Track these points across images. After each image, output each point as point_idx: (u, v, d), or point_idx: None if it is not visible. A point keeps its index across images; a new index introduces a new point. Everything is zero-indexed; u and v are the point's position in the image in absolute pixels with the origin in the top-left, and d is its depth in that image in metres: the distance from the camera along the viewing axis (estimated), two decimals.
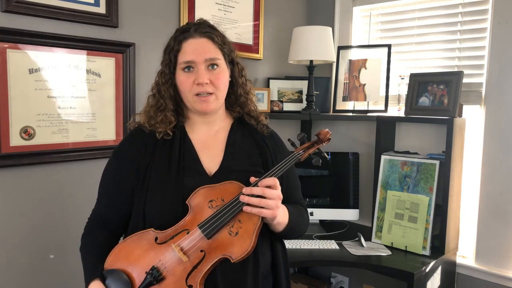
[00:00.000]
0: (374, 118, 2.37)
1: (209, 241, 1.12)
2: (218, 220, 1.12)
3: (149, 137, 1.25)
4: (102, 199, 1.31)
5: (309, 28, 2.49)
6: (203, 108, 1.23)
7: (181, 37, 1.24)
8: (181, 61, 1.23)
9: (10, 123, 1.68)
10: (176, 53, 1.24)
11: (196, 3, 2.26)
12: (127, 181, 1.23)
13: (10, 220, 1.73)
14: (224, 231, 1.12)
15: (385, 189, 2.24)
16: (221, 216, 1.12)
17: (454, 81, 2.14)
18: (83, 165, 1.91)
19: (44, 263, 1.82)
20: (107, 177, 1.30)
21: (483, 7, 2.20)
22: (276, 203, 1.15)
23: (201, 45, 1.22)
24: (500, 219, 2.11)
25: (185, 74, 1.22)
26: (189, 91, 1.22)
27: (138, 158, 1.23)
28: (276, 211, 1.15)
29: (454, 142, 2.07)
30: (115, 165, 1.28)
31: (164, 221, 1.17)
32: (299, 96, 2.72)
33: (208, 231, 1.12)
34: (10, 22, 1.66)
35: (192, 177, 1.21)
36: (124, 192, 1.24)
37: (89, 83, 1.90)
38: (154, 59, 2.10)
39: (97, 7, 1.89)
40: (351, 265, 2.05)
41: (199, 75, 1.20)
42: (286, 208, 1.24)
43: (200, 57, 1.21)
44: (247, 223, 1.13)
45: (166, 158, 1.22)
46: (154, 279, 1.11)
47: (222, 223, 1.12)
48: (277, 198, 1.15)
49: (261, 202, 1.12)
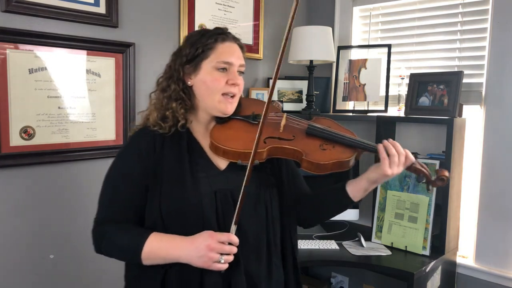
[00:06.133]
0: (374, 118, 2.37)
1: (304, 136, 1.27)
2: (325, 130, 1.27)
3: (156, 137, 1.24)
4: (112, 205, 1.24)
5: (309, 28, 2.49)
6: (226, 109, 1.25)
7: (218, 38, 1.26)
8: (218, 59, 1.23)
9: (10, 123, 1.68)
10: (207, 50, 1.24)
11: (196, 3, 2.26)
12: (139, 182, 1.21)
13: (10, 220, 1.73)
14: (319, 140, 1.26)
15: (385, 189, 2.24)
16: (329, 132, 1.26)
17: (454, 81, 2.14)
18: (83, 165, 1.91)
19: (44, 263, 1.82)
20: (115, 182, 1.25)
21: (483, 7, 2.20)
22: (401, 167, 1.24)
23: (237, 51, 1.29)
24: (500, 219, 2.11)
25: (218, 73, 1.24)
26: (219, 90, 1.23)
27: (148, 158, 1.22)
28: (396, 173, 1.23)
29: (454, 142, 2.07)
30: (125, 168, 1.24)
31: (183, 218, 1.18)
32: (299, 96, 2.72)
33: (311, 129, 1.28)
34: (10, 22, 1.66)
35: (205, 173, 1.22)
36: (137, 195, 1.22)
37: (89, 83, 1.90)
38: (154, 59, 2.11)
39: (97, 7, 1.89)
40: (351, 265, 2.05)
41: (235, 76, 1.25)
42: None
43: (238, 60, 1.27)
44: (337, 151, 1.24)
45: (176, 156, 1.22)
46: (253, 119, 1.28)
47: (325, 134, 1.26)
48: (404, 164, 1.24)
49: (401, 157, 1.23)
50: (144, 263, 1.17)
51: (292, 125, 1.30)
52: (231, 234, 1.13)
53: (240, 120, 1.30)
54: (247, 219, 1.20)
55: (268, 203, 1.27)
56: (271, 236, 1.26)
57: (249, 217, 1.21)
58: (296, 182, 1.41)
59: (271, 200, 1.28)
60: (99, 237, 1.23)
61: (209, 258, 1.11)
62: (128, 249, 1.19)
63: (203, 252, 1.11)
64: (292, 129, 1.29)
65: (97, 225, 1.26)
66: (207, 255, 1.11)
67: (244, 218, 1.18)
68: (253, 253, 1.21)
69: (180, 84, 1.26)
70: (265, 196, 1.26)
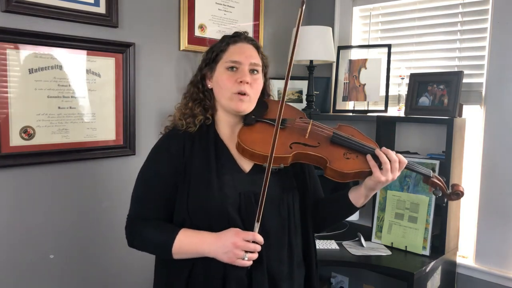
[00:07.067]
0: (374, 118, 2.37)
1: (329, 143, 1.29)
2: (349, 140, 1.28)
3: (186, 138, 1.29)
4: (143, 203, 1.31)
5: (309, 28, 2.49)
6: (238, 107, 1.28)
7: (230, 40, 1.32)
8: (227, 60, 1.29)
9: (10, 123, 1.68)
10: (220, 52, 1.31)
11: (196, 3, 2.26)
12: (169, 182, 1.27)
13: (10, 220, 1.73)
14: (343, 149, 1.28)
15: (385, 189, 2.24)
16: (353, 141, 1.28)
17: (454, 81, 2.14)
18: (83, 165, 1.91)
19: (44, 263, 1.82)
20: (147, 181, 1.30)
21: (483, 7, 2.20)
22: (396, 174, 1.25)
23: (248, 50, 1.32)
24: (500, 219, 2.11)
25: (228, 73, 1.28)
26: (229, 89, 1.27)
27: (178, 158, 1.27)
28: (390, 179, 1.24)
29: (454, 142, 2.07)
30: (156, 168, 1.30)
31: (209, 218, 1.22)
32: (299, 96, 2.72)
33: (336, 138, 1.29)
34: (10, 22, 1.66)
35: (231, 175, 1.26)
36: (167, 194, 1.27)
37: (89, 83, 1.90)
38: (154, 59, 2.11)
39: (97, 7, 1.89)
40: (351, 265, 2.05)
41: (244, 74, 1.27)
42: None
43: (246, 59, 1.29)
44: (360, 161, 1.26)
45: (204, 158, 1.27)
46: (281, 123, 1.25)
47: (349, 143, 1.28)
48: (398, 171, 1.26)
49: (390, 165, 1.23)
50: (174, 257, 1.23)
51: (317, 132, 1.32)
52: (256, 233, 1.17)
53: (267, 124, 1.32)
54: (270, 221, 1.24)
55: (291, 205, 1.30)
56: (292, 238, 1.30)
57: (272, 218, 1.25)
58: (315, 186, 1.45)
59: (294, 203, 1.31)
60: (132, 233, 1.30)
61: (234, 254, 1.16)
62: (159, 245, 1.25)
63: (228, 249, 1.16)
64: (317, 136, 1.31)
65: (130, 221, 1.32)
66: (233, 251, 1.16)
67: (267, 220, 1.22)
68: (275, 254, 1.25)
69: (199, 86, 1.34)
70: (288, 199, 1.30)
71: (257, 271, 1.21)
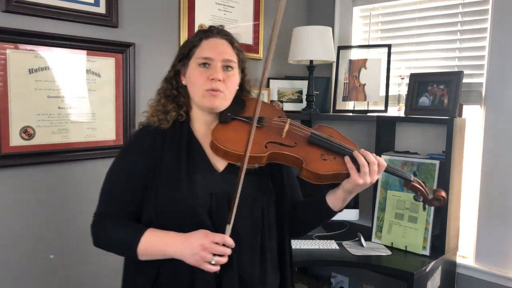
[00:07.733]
0: (374, 118, 2.37)
1: (306, 144, 1.24)
2: (327, 140, 1.24)
3: (157, 135, 1.25)
4: (112, 200, 1.26)
5: (309, 28, 2.49)
6: (211, 104, 1.23)
7: (203, 35, 1.27)
8: (199, 56, 1.25)
9: (10, 123, 1.68)
10: (193, 48, 1.27)
11: (196, 3, 2.26)
12: (140, 179, 1.23)
13: (10, 220, 1.73)
14: (320, 150, 1.23)
15: (385, 189, 2.24)
16: (332, 142, 1.23)
17: (454, 81, 2.14)
18: (83, 165, 1.91)
19: (44, 263, 1.82)
20: (117, 178, 1.26)
21: (483, 7, 2.20)
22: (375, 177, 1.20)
23: (221, 45, 1.27)
24: (500, 219, 2.11)
25: (200, 69, 1.24)
26: (201, 86, 1.23)
27: (149, 156, 1.23)
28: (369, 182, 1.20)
29: (454, 142, 2.07)
30: (126, 165, 1.26)
31: (177, 219, 1.18)
32: (299, 96, 2.72)
33: (313, 138, 1.24)
34: (10, 22, 1.66)
35: (202, 174, 1.22)
36: (137, 191, 1.23)
37: (89, 83, 1.90)
38: (154, 59, 2.11)
39: (97, 7, 1.89)
40: (351, 265, 2.05)
41: (215, 71, 1.23)
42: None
43: (219, 55, 1.24)
44: (337, 162, 1.21)
45: (175, 156, 1.23)
46: (258, 122, 1.22)
47: (326, 144, 1.23)
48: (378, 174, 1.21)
49: (368, 167, 1.18)
50: (140, 258, 1.18)
51: (295, 132, 1.27)
52: (226, 236, 1.12)
53: (243, 122, 1.27)
54: (242, 223, 1.19)
55: (265, 207, 1.25)
56: (266, 241, 1.24)
57: (245, 220, 1.20)
58: (293, 188, 1.40)
59: (268, 205, 1.26)
60: (98, 232, 1.26)
61: (201, 257, 1.11)
62: (125, 244, 1.20)
63: (196, 251, 1.11)
64: (295, 136, 1.26)
65: (96, 220, 1.27)
66: (200, 254, 1.11)
67: (239, 222, 1.17)
68: (247, 257, 1.20)
69: (172, 82, 1.30)
70: (262, 200, 1.25)
71: (227, 275, 1.16)
